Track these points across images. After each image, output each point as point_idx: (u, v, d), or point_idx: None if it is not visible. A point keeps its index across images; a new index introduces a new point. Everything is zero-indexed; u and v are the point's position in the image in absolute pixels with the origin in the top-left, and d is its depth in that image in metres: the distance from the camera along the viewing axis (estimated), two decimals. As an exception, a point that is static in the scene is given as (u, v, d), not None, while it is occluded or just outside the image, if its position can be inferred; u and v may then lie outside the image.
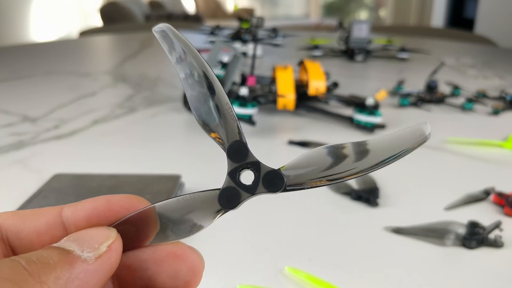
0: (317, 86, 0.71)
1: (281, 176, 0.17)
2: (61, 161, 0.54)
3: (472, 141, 0.60)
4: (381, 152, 0.16)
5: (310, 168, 0.17)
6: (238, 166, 0.17)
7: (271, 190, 0.17)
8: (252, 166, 0.17)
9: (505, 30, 2.39)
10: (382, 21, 4.91)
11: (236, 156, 0.17)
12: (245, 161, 0.17)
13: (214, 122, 0.17)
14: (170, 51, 0.18)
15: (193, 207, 0.17)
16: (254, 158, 0.17)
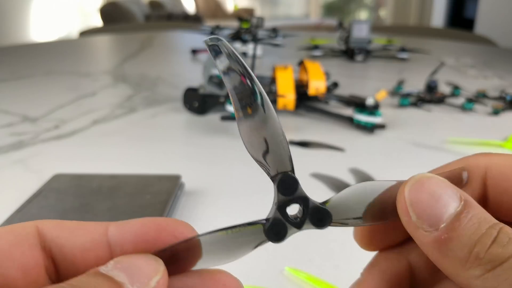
0: (317, 86, 0.72)
1: (328, 214, 0.17)
2: (61, 161, 0.54)
3: (472, 141, 0.60)
4: None
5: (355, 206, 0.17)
6: (288, 200, 0.17)
7: (318, 226, 0.17)
8: (301, 201, 0.17)
9: (505, 30, 2.39)
10: (382, 21, 4.91)
11: (286, 189, 0.17)
12: (294, 195, 0.17)
13: (263, 148, 0.16)
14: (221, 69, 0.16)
15: (239, 237, 0.17)
16: (304, 194, 0.17)
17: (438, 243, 0.15)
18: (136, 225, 0.17)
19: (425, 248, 0.15)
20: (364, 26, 1.18)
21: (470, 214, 0.15)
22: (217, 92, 0.67)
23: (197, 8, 5.22)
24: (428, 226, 0.15)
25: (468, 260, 0.14)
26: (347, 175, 0.50)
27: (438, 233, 0.15)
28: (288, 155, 0.17)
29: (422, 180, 0.16)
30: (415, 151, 0.58)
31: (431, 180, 0.16)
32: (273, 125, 0.16)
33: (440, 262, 0.15)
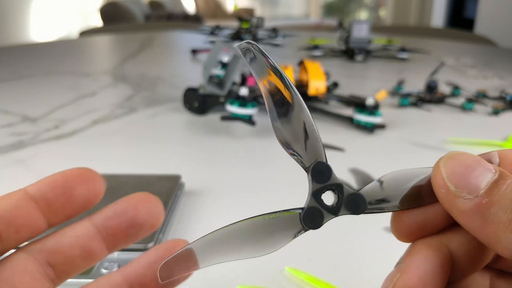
0: (317, 86, 0.71)
1: (363, 199, 0.17)
2: (61, 161, 0.54)
3: (472, 141, 0.60)
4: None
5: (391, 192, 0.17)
6: (322, 187, 0.17)
7: (354, 212, 0.17)
8: (335, 188, 0.17)
9: (505, 30, 2.39)
10: (382, 21, 4.91)
11: (320, 177, 0.17)
12: (328, 183, 0.17)
13: (297, 141, 0.17)
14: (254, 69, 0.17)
15: (276, 225, 0.18)
16: (338, 180, 0.17)
17: (480, 208, 0.15)
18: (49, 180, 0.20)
19: (466, 217, 0.15)
20: (364, 26, 1.18)
21: (507, 181, 0.15)
22: (217, 92, 0.67)
23: (197, 8, 5.22)
24: (467, 193, 0.15)
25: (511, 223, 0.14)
26: (347, 175, 0.50)
27: (479, 199, 0.15)
28: (321, 144, 0.17)
29: (456, 155, 0.16)
30: (415, 151, 0.58)
31: (464, 155, 0.16)
32: (307, 116, 0.17)
33: (482, 229, 0.15)
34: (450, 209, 0.16)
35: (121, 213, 0.19)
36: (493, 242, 0.15)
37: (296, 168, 0.16)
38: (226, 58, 0.78)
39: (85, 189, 0.19)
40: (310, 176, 0.17)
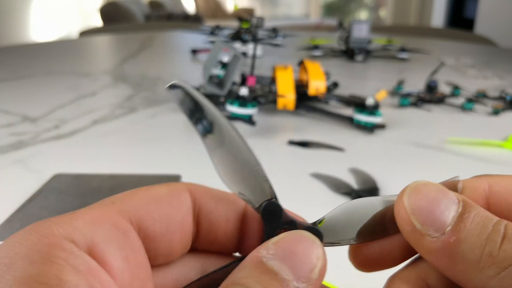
0: (317, 86, 0.71)
1: (318, 233, 0.17)
2: (61, 161, 0.54)
3: (472, 141, 0.60)
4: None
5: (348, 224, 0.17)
6: (275, 227, 0.17)
7: None
8: (288, 225, 0.17)
9: (505, 30, 2.39)
10: (382, 21, 4.91)
11: (271, 217, 0.17)
12: (280, 221, 0.17)
13: (243, 182, 0.17)
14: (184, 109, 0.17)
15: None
16: (290, 218, 0.17)
17: (447, 247, 0.14)
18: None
19: (434, 256, 0.15)
20: (364, 26, 1.18)
21: (472, 213, 0.15)
22: (217, 92, 0.67)
23: (197, 8, 5.22)
24: (434, 231, 0.15)
25: (481, 261, 0.14)
26: (347, 175, 0.50)
27: (446, 237, 0.14)
28: (267, 183, 0.17)
29: (419, 187, 0.16)
30: (415, 151, 0.58)
31: (428, 186, 0.16)
32: (250, 155, 0.17)
33: (451, 269, 0.15)
34: (416, 247, 0.15)
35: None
36: (464, 281, 0.14)
37: (296, 168, 0.16)
38: (226, 58, 0.78)
39: None
40: (262, 218, 0.17)
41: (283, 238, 0.15)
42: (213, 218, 0.17)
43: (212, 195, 0.17)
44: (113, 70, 1.06)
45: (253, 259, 0.14)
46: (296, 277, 0.14)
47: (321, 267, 0.15)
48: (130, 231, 0.15)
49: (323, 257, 0.15)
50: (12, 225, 0.37)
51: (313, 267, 0.15)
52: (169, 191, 0.16)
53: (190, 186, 0.17)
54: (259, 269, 0.14)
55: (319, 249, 0.15)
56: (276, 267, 0.14)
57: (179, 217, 0.16)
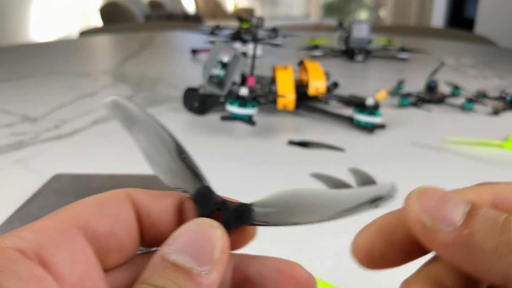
0: (317, 86, 0.71)
1: (248, 208, 0.17)
2: (61, 161, 0.54)
3: (472, 141, 0.60)
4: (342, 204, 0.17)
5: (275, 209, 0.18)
6: (207, 210, 0.17)
7: (240, 222, 0.17)
8: (220, 206, 0.17)
9: (505, 30, 2.39)
10: (382, 21, 4.91)
11: (203, 201, 0.17)
12: (212, 204, 0.17)
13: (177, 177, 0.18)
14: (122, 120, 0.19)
15: None
16: (221, 199, 0.17)
17: (462, 239, 0.14)
18: None
19: (449, 250, 0.15)
20: (364, 26, 1.18)
21: (480, 211, 0.15)
22: (217, 92, 0.67)
23: (197, 8, 5.22)
24: (446, 225, 0.15)
25: (498, 249, 0.14)
26: (347, 175, 0.50)
27: (459, 230, 0.14)
28: (198, 171, 0.18)
29: (425, 190, 0.16)
30: (415, 151, 0.58)
31: (433, 188, 0.16)
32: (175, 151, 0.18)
33: (469, 261, 0.14)
34: (430, 244, 0.15)
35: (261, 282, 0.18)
36: (484, 272, 0.14)
37: (296, 168, 0.16)
38: (226, 58, 0.78)
39: None
40: (195, 203, 0.17)
41: (181, 231, 0.16)
42: (152, 213, 0.18)
43: (149, 194, 0.18)
44: (113, 70, 1.06)
45: (156, 258, 0.15)
46: (199, 263, 0.15)
47: (222, 246, 0.15)
48: (76, 235, 0.15)
49: (223, 236, 0.16)
50: (12, 225, 0.37)
51: (213, 248, 0.15)
52: (108, 195, 0.17)
53: (127, 189, 0.18)
54: (163, 266, 0.15)
55: (217, 230, 0.16)
56: (178, 259, 0.15)
57: (122, 215, 0.17)
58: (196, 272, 0.14)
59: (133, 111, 0.18)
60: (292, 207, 0.18)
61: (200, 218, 0.16)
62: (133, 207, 0.18)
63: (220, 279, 0.15)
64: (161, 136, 0.18)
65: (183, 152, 0.18)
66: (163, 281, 0.14)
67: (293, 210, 0.18)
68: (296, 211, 0.18)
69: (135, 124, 0.18)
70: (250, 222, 0.17)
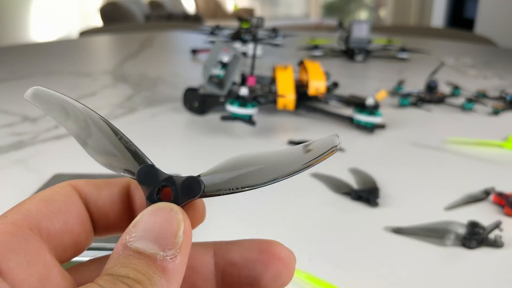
0: (317, 86, 0.71)
1: (198, 181, 0.17)
2: (61, 161, 0.54)
3: (472, 141, 0.60)
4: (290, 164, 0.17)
5: (224, 175, 0.17)
6: (154, 188, 0.17)
7: (190, 196, 0.17)
8: (166, 182, 0.17)
9: (505, 30, 2.39)
10: (382, 21, 4.91)
11: (148, 180, 0.17)
12: (158, 181, 0.17)
13: (117, 159, 0.17)
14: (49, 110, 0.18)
15: None
16: (166, 175, 0.17)
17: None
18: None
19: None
20: (364, 26, 1.18)
21: None
22: (217, 92, 0.67)
23: (197, 8, 5.22)
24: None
25: None
26: (347, 175, 0.50)
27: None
28: (135, 151, 0.17)
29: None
30: (415, 151, 0.58)
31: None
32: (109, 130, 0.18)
33: None
34: None
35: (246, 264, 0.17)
36: None
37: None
38: (226, 58, 0.78)
39: None
40: (139, 183, 0.17)
41: (140, 217, 0.15)
42: (100, 203, 0.18)
43: (94, 183, 0.18)
44: (113, 70, 1.06)
45: (118, 246, 0.15)
46: (162, 247, 0.14)
47: (184, 228, 0.15)
48: (30, 236, 0.15)
49: (184, 219, 0.15)
50: (12, 225, 0.37)
51: (176, 231, 0.15)
52: (54, 191, 0.17)
53: (71, 182, 0.18)
54: (125, 254, 0.14)
55: (178, 214, 0.15)
56: (140, 246, 0.14)
57: (73, 210, 0.17)
58: (160, 257, 0.14)
59: (58, 99, 0.18)
60: (241, 172, 0.17)
61: (159, 203, 0.16)
62: (81, 200, 0.17)
63: (185, 263, 0.15)
64: (93, 120, 0.18)
65: (118, 133, 0.18)
66: (127, 270, 0.14)
67: (242, 174, 0.17)
68: (246, 175, 0.17)
69: (63, 112, 0.18)
70: (201, 194, 0.17)
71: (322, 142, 0.17)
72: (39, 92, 0.19)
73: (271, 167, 0.17)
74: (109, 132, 0.18)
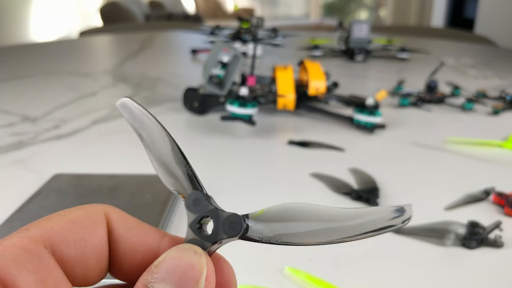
0: (317, 86, 0.71)
1: (241, 221, 0.16)
2: (61, 161, 0.54)
3: (472, 141, 0.60)
4: (349, 229, 0.16)
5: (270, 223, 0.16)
6: (197, 217, 0.17)
7: (230, 234, 0.16)
8: (210, 214, 0.17)
9: (505, 30, 2.39)
10: (382, 21, 4.91)
11: (194, 207, 0.17)
12: (202, 210, 0.17)
13: (173, 177, 0.18)
14: (130, 118, 0.19)
15: None
16: (212, 206, 0.17)
17: None
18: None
19: None
20: (364, 26, 1.18)
21: None
22: (217, 92, 0.67)
23: (197, 8, 5.22)
24: None
25: None
26: (347, 175, 0.50)
27: None
28: (192, 176, 0.17)
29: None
30: (415, 151, 0.58)
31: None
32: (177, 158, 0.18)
33: None
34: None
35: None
36: None
37: (296, 168, 0.16)
38: (226, 58, 0.78)
39: None
40: (186, 208, 0.17)
41: (164, 258, 0.15)
42: (121, 247, 0.17)
43: (125, 223, 0.17)
44: (113, 70, 1.06)
45: (138, 286, 0.14)
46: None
47: (207, 274, 0.15)
48: (43, 253, 0.14)
49: (207, 263, 0.15)
50: (13, 225, 0.37)
51: (198, 277, 0.15)
52: (86, 214, 0.16)
53: (106, 209, 0.17)
54: None
55: (201, 258, 0.15)
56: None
57: (95, 241, 0.16)
58: None
59: (140, 111, 0.19)
60: (287, 224, 0.16)
61: (184, 244, 0.16)
62: (107, 232, 0.17)
63: None
64: (164, 139, 0.18)
65: (182, 157, 0.18)
66: None
67: (288, 227, 0.16)
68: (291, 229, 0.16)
69: (142, 125, 0.19)
70: (240, 235, 0.16)
71: (387, 213, 0.16)
72: (127, 102, 0.19)
73: (321, 228, 0.16)
74: (174, 149, 0.18)
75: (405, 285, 0.33)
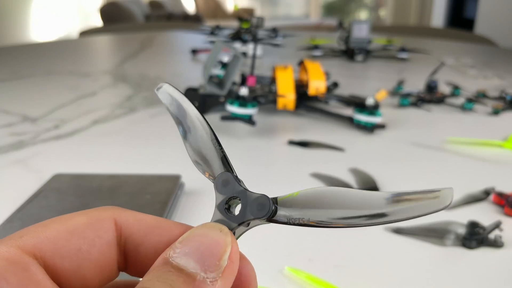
0: (317, 86, 0.71)
1: (268, 201, 0.16)
2: (61, 161, 0.54)
3: (472, 141, 0.60)
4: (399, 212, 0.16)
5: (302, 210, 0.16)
6: (225, 197, 0.16)
7: (258, 215, 0.16)
8: (239, 195, 0.16)
9: (505, 30, 2.39)
10: (382, 21, 4.91)
11: (223, 188, 0.17)
12: (232, 192, 0.17)
13: (205, 160, 0.18)
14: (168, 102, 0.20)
15: None
16: (241, 188, 0.17)
17: None
18: None
19: None
20: (364, 26, 1.18)
21: None
22: (217, 92, 0.67)
23: (197, 8, 5.22)
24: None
25: None
26: (347, 175, 0.50)
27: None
28: (221, 157, 0.18)
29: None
30: (415, 151, 0.58)
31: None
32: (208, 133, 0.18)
33: None
34: None
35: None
36: None
37: (296, 168, 0.16)
38: (226, 58, 0.78)
39: None
40: (215, 189, 0.17)
41: (189, 234, 0.15)
42: (142, 250, 0.16)
43: (142, 225, 0.16)
44: (113, 70, 1.06)
45: (159, 261, 0.14)
46: (204, 268, 0.14)
47: (231, 253, 0.14)
48: (30, 265, 0.14)
49: (232, 244, 0.15)
50: (13, 225, 0.37)
51: (221, 254, 0.14)
52: (88, 222, 0.15)
53: (116, 214, 0.16)
54: (164, 269, 0.14)
55: (226, 236, 0.15)
56: (182, 263, 0.14)
57: (94, 253, 0.15)
58: (200, 278, 0.13)
59: (177, 95, 0.20)
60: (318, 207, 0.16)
61: (210, 222, 0.15)
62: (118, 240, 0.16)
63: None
64: (199, 119, 0.18)
65: (216, 140, 0.18)
66: (162, 285, 0.13)
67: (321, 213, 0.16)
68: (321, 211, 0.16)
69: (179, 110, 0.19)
70: (268, 217, 0.16)
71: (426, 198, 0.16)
72: (167, 88, 0.20)
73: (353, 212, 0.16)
74: (208, 133, 0.18)
75: (405, 285, 0.33)
